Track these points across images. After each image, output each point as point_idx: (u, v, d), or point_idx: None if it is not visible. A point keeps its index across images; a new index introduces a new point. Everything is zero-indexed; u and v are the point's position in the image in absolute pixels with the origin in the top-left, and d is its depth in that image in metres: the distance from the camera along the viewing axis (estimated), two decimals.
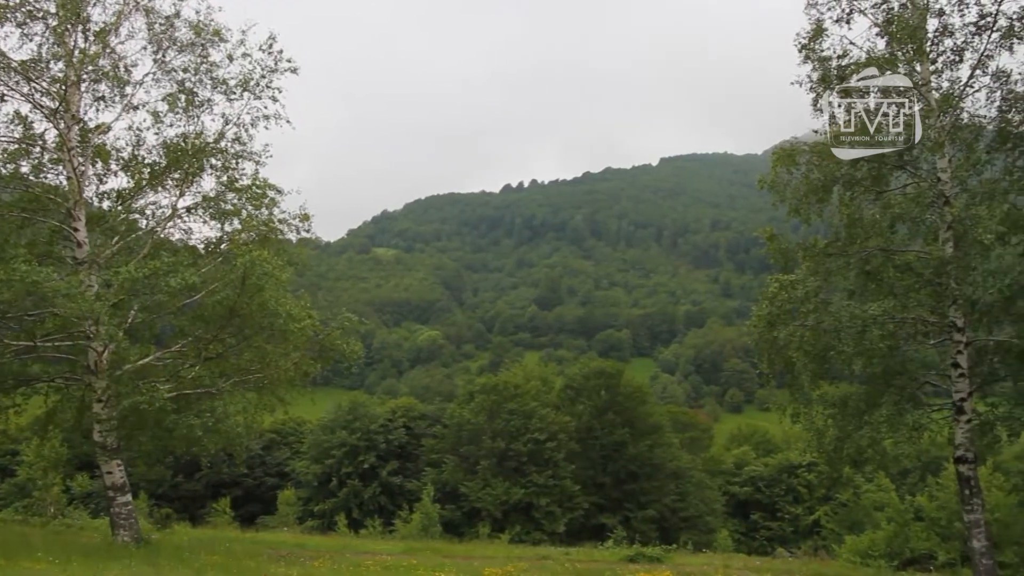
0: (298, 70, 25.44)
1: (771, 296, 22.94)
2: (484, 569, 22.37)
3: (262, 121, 25.65)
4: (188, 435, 23.89)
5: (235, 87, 25.33)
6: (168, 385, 23.35)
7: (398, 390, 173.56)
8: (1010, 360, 22.36)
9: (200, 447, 25.10)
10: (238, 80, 25.28)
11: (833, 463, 24.55)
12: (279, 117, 25.59)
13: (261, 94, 25.41)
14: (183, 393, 24.08)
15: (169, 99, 24.92)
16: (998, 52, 21.75)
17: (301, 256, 27.83)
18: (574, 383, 68.44)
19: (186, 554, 20.88)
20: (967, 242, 20.92)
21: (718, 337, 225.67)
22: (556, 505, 58.54)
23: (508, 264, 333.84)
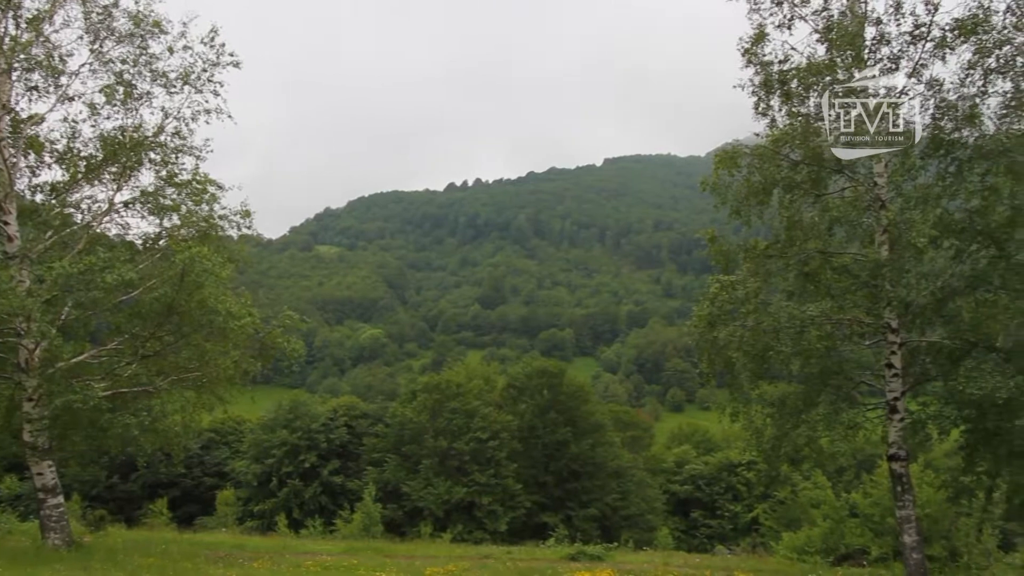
0: (241, 64, 25.10)
1: (712, 296, 23.18)
2: (426, 569, 22.30)
3: (203, 115, 25.26)
4: (124, 435, 23.48)
5: (175, 80, 24.90)
6: (103, 383, 22.91)
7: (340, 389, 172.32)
8: (941, 360, 22.90)
9: (136, 447, 24.69)
10: (179, 73, 24.86)
11: (771, 461, 24.92)
12: (221, 111, 25.22)
13: (202, 88, 25.02)
14: (119, 392, 23.65)
15: (106, 91, 24.37)
16: (932, 61, 22.26)
17: (242, 253, 27.46)
18: (517, 382, 68.54)
19: (120, 557, 20.51)
20: (901, 245, 21.37)
21: (660, 337, 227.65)
22: (498, 504, 58.57)
23: (452, 263, 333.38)
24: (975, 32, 21.54)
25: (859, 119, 22.33)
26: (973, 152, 22.06)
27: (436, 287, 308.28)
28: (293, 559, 24.40)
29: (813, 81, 22.71)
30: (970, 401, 20.35)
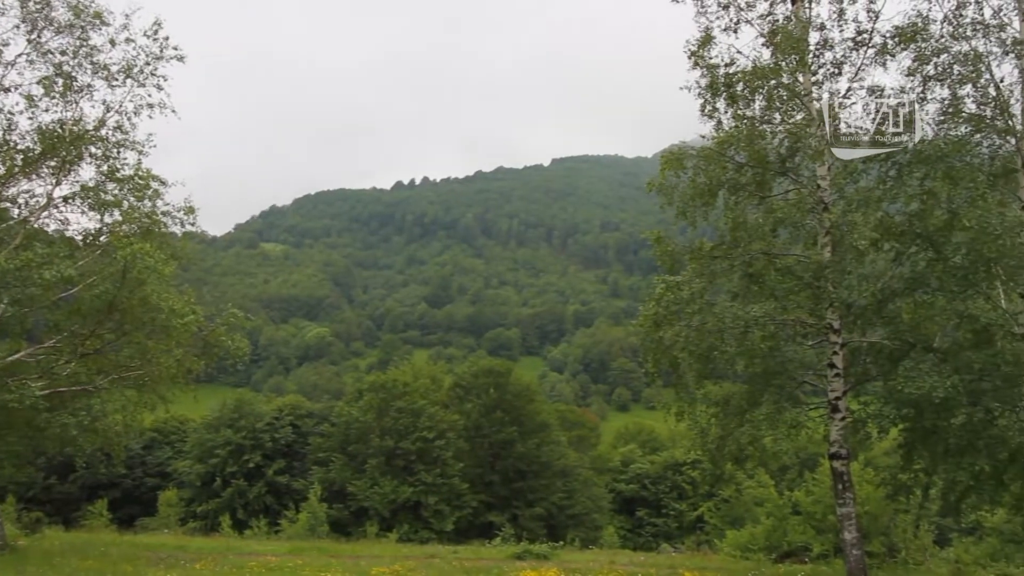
0: (185, 58, 24.76)
1: (658, 297, 23.31)
2: (371, 568, 22.19)
3: (146, 109, 24.89)
4: (62, 435, 23.07)
5: (117, 73, 24.50)
6: (41, 382, 22.45)
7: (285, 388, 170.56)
8: (881, 360, 23.34)
9: (75, 447, 24.29)
10: (121, 66, 24.46)
11: (716, 460, 25.18)
12: (164, 106, 24.88)
13: (145, 81, 24.64)
14: (57, 391, 23.19)
15: (45, 82, 23.87)
16: (873, 67, 22.72)
17: (185, 250, 27.11)
18: (463, 381, 68.45)
19: (56, 560, 20.11)
20: (843, 247, 21.73)
21: (606, 337, 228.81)
22: (445, 503, 58.44)
23: (399, 261, 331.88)
24: (914, 40, 22.02)
25: (803, 123, 22.68)
26: (912, 157, 22.52)
27: (383, 286, 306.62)
28: (237, 560, 24.12)
29: (758, 84, 22.98)
30: (908, 400, 20.75)
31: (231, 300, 31.09)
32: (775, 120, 23.39)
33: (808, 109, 22.88)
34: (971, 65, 21.89)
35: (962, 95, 22.19)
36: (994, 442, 20.40)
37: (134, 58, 24.39)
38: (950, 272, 21.40)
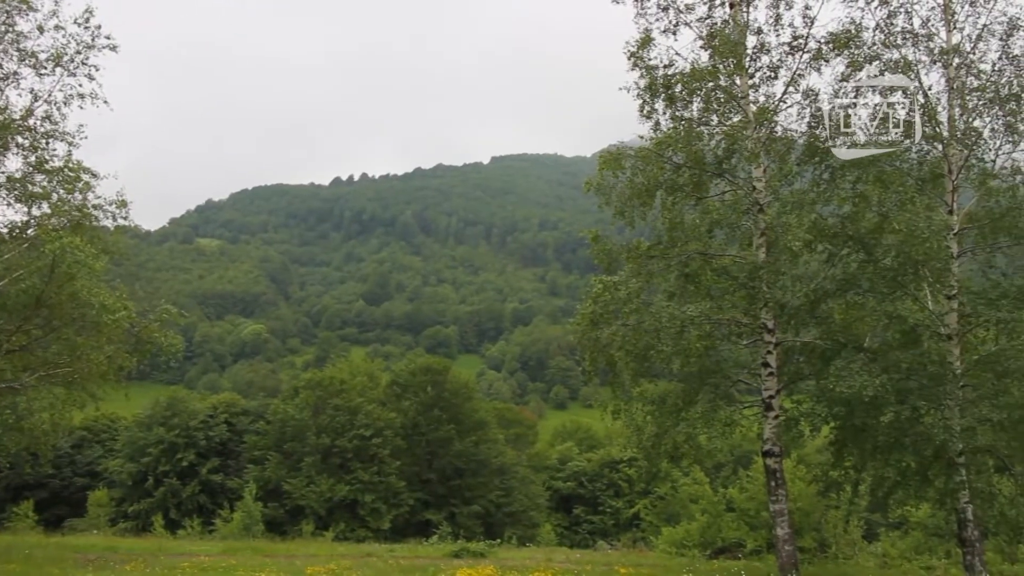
0: (118, 48, 24.23)
1: (595, 296, 23.41)
2: (307, 568, 22.00)
3: (76, 99, 24.33)
4: None
5: (46, 61, 23.91)
6: None
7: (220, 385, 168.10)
8: (814, 360, 23.80)
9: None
10: (50, 54, 23.86)
11: (652, 458, 25.40)
12: (96, 96, 24.34)
13: (76, 71, 24.08)
14: None
15: None
16: (808, 72, 23.14)
17: (118, 244, 26.56)
18: (401, 379, 68.22)
19: None
20: (778, 248, 22.10)
21: (544, 335, 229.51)
22: (382, 502, 58.17)
23: (336, 258, 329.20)
24: (848, 46, 22.49)
25: (740, 125, 23.00)
26: (845, 161, 22.99)
27: (320, 282, 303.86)
28: (169, 561, 23.71)
29: (696, 86, 23.24)
30: (839, 399, 21.17)
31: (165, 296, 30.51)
32: (712, 122, 23.68)
33: (745, 111, 23.21)
34: (901, 73, 22.43)
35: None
36: (920, 439, 20.92)
37: (64, 46, 23.84)
38: (880, 274, 21.92)
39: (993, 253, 22.86)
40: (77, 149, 25.08)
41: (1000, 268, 22.99)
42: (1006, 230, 22.10)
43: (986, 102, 22.35)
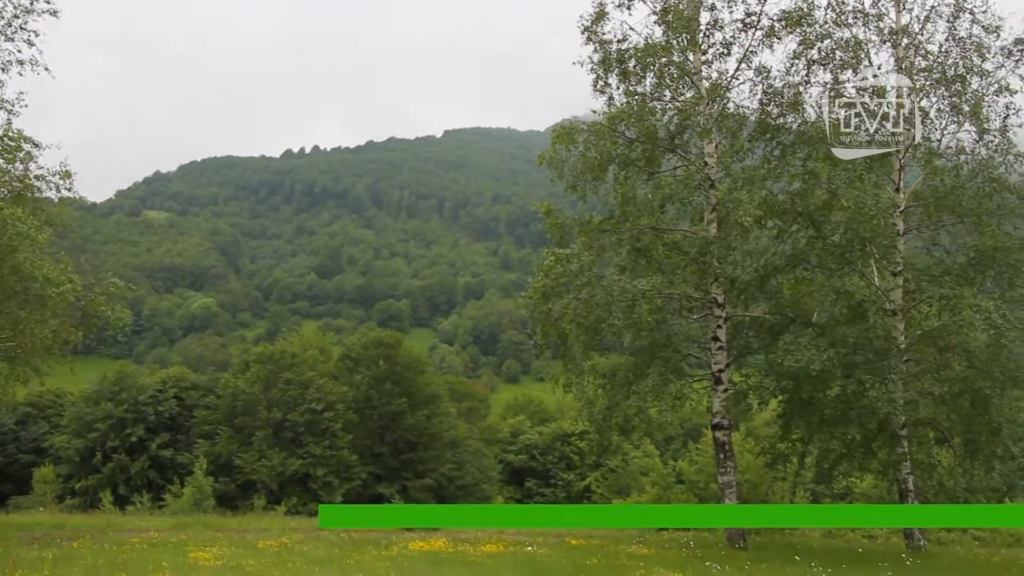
0: (58, 13, 23.61)
1: (546, 269, 23.49)
2: (259, 542, 21.92)
3: (15, 66, 23.69)
4: None
5: None
6: None
7: (169, 359, 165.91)
8: (763, 334, 24.16)
9: None
10: None
11: (603, 431, 25.62)
12: (36, 63, 23.70)
13: (14, 36, 23.43)
14: None
15: None
16: (761, 49, 23.34)
17: (62, 216, 26.06)
18: (352, 353, 67.89)
19: None
20: (728, 224, 22.33)
21: (496, 309, 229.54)
22: (334, 476, 58.04)
23: (287, 231, 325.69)
24: (800, 24, 22.71)
25: (693, 100, 23.15)
26: (796, 137, 23.30)
27: (271, 256, 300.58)
28: (117, 537, 23.45)
29: (650, 61, 23.33)
30: (787, 373, 21.54)
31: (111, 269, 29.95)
32: (665, 97, 23.81)
33: (698, 87, 23.36)
34: (852, 51, 22.75)
35: (843, 80, 23.00)
36: (865, 412, 21.38)
37: (1, 9, 23.19)
38: (828, 250, 22.29)
39: (937, 231, 23.38)
40: (17, 118, 24.50)
41: (943, 246, 23.53)
42: (950, 208, 22.58)
43: (933, 83, 22.73)
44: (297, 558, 18.47)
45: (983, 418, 21.18)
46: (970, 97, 22.33)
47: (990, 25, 22.22)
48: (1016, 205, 21.79)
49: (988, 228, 21.78)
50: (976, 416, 21.32)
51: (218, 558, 17.77)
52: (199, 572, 15.53)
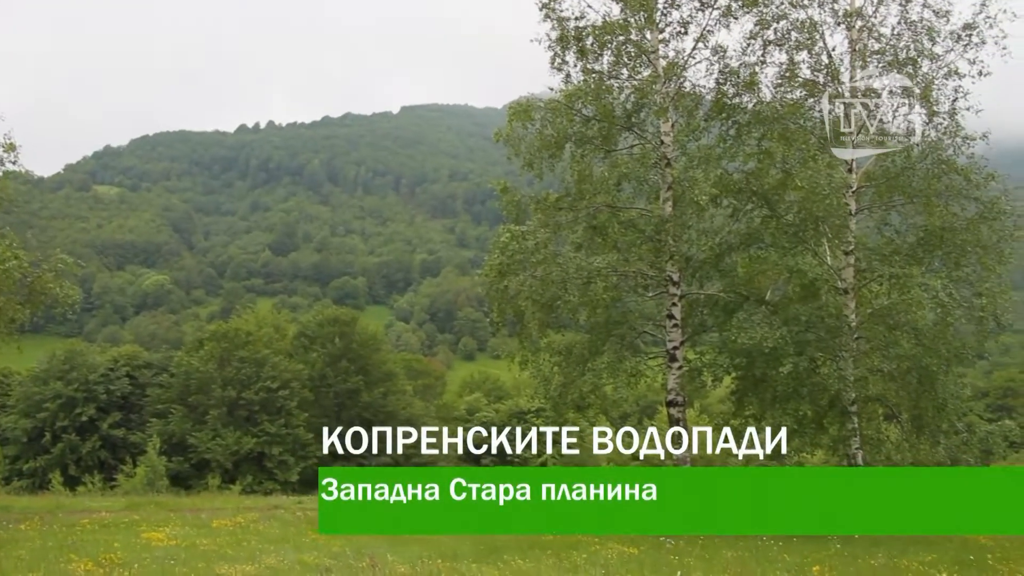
0: None
1: (502, 246, 23.46)
2: (213, 521, 21.81)
3: None
4: None
5: None
6: None
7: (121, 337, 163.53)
8: (717, 312, 24.42)
9: None
10: None
11: (559, 408, 25.68)
12: None
13: None
14: None
15: None
16: (718, 28, 23.47)
17: (6, 190, 25.52)
18: (308, 330, 67.62)
19: None
20: (684, 203, 22.50)
21: (453, 286, 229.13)
22: (289, 454, 57.91)
23: (242, 207, 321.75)
24: (756, 4, 22.86)
25: (650, 79, 23.21)
26: (751, 117, 23.50)
27: (225, 232, 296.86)
28: (67, 519, 23.15)
29: (607, 39, 23.33)
30: (741, 350, 21.81)
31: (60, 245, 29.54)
32: (622, 75, 23.85)
33: (655, 66, 23.42)
34: (807, 32, 22.92)
35: (798, 61, 23.27)
36: (816, 389, 21.73)
37: None
38: (782, 229, 22.56)
39: (888, 211, 23.76)
40: None
41: (893, 226, 23.91)
42: (900, 189, 22.93)
43: (885, 65, 22.99)
44: (252, 537, 18.43)
45: (929, 394, 21.64)
46: (921, 80, 22.63)
47: (940, 9, 22.55)
48: (963, 186, 22.18)
49: (936, 209, 22.16)
50: (923, 392, 21.77)
51: (172, 538, 17.67)
52: (152, 552, 15.42)
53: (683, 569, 13.39)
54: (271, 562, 14.59)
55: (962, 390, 22.26)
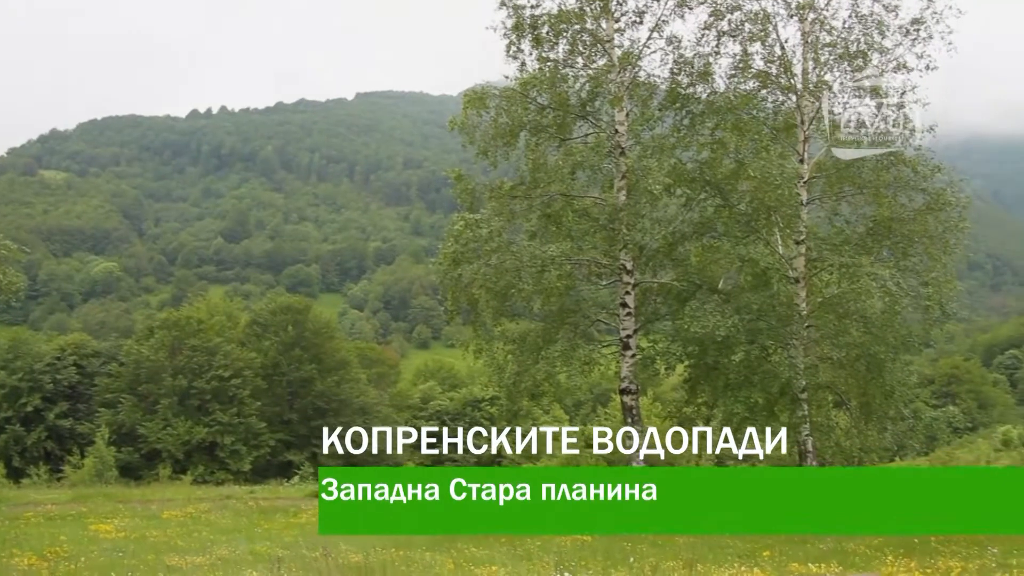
0: None
1: (456, 235, 23.44)
2: (163, 512, 21.57)
3: None
4: None
5: None
6: None
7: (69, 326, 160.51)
8: (670, 301, 24.60)
9: None
10: None
11: (513, 396, 25.73)
12: None
13: None
14: None
15: None
16: (673, 19, 23.58)
17: None
18: (261, 319, 67.08)
19: None
20: (638, 191, 22.60)
21: (407, 274, 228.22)
22: (242, 443, 57.47)
23: (193, 194, 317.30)
24: None
25: (605, 68, 23.27)
26: (705, 107, 23.67)
27: (177, 219, 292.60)
28: (11, 511, 22.74)
29: (563, 28, 23.35)
30: (693, 339, 22.02)
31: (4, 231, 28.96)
32: (577, 64, 23.89)
33: (610, 55, 23.48)
34: (760, 24, 23.10)
35: (752, 52, 23.46)
36: (767, 377, 22.00)
37: None
38: (735, 218, 22.79)
39: (838, 201, 24.06)
40: None
41: (844, 216, 24.25)
42: (850, 180, 23.25)
43: (836, 57, 23.27)
44: (203, 528, 18.25)
45: (878, 381, 22.03)
46: (871, 73, 22.94)
47: (890, 4, 22.83)
48: (911, 178, 22.55)
49: (885, 199, 22.52)
50: (871, 379, 22.16)
51: (120, 530, 17.44)
52: (99, 545, 15.20)
53: (636, 555, 13.48)
54: (223, 553, 14.45)
55: (909, 377, 22.71)
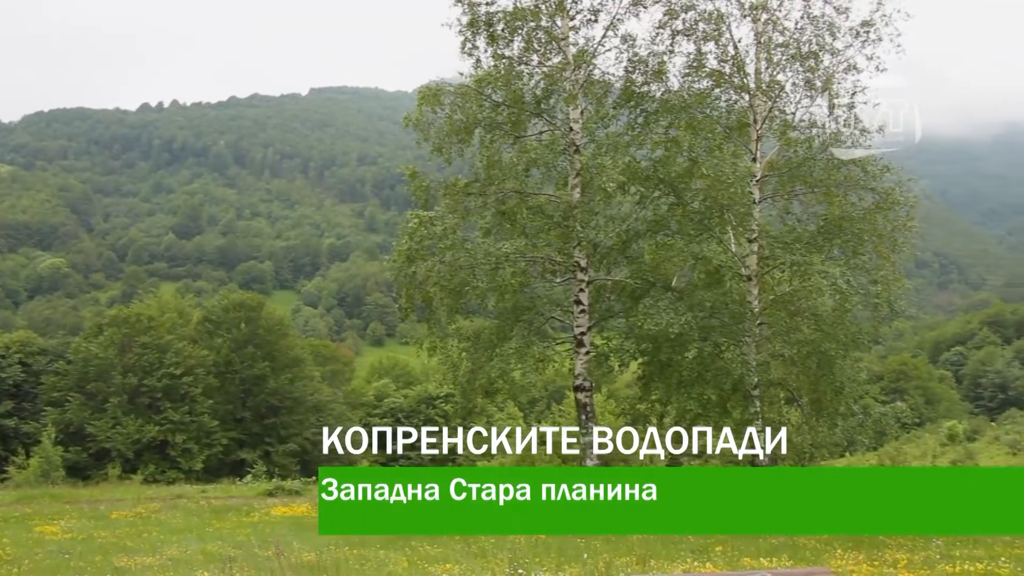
0: None
1: (411, 232, 23.34)
2: (112, 513, 21.24)
3: None
4: None
5: None
6: None
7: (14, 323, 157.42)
8: (624, 298, 24.74)
9: None
10: None
11: (467, 394, 25.71)
12: None
13: None
14: None
15: None
16: (627, 17, 23.70)
17: None
18: (213, 316, 66.39)
19: None
20: (592, 189, 22.70)
21: (361, 271, 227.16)
22: (193, 442, 56.91)
23: (144, 188, 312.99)
24: None
25: (559, 66, 23.33)
26: (659, 106, 23.83)
27: (126, 214, 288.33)
28: None
29: (518, 25, 23.36)
30: (647, 336, 22.16)
31: None
32: (533, 62, 23.93)
33: (565, 53, 23.53)
34: (714, 24, 23.29)
35: (706, 51, 23.64)
36: (720, 374, 22.20)
37: None
38: (688, 216, 22.98)
39: (790, 200, 24.35)
40: None
41: (795, 214, 24.54)
42: (802, 179, 23.53)
43: (788, 58, 23.52)
44: (154, 528, 18.01)
45: (828, 378, 22.32)
46: (822, 73, 23.23)
47: (841, 6, 23.11)
48: (860, 177, 22.87)
49: (836, 198, 22.83)
50: (822, 376, 22.45)
51: (67, 531, 17.15)
52: (45, 547, 14.94)
53: (589, 552, 13.54)
54: (173, 553, 14.28)
55: (859, 374, 23.04)
